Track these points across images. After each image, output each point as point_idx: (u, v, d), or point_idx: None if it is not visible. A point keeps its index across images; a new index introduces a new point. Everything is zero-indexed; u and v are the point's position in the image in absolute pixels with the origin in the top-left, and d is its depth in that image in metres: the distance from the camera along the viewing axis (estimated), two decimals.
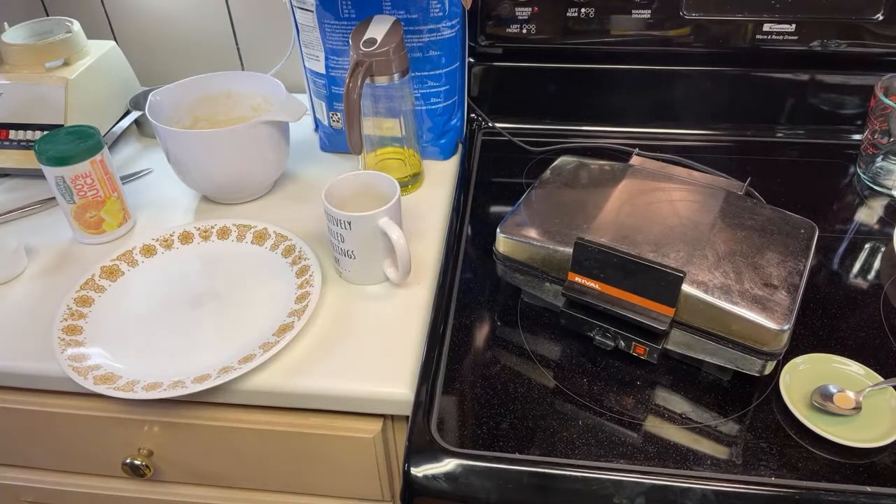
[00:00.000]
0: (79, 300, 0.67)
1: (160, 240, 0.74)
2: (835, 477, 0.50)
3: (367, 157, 0.81)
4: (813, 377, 0.56)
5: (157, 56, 1.05)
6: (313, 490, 0.70)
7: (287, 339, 0.61)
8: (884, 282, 0.68)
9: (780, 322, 0.52)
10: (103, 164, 0.72)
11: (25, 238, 0.77)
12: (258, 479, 0.69)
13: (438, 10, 0.77)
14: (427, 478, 0.51)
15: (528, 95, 0.93)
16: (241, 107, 0.85)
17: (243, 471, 0.68)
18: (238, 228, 0.75)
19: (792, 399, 0.54)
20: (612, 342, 0.58)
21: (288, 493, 0.71)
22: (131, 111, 0.94)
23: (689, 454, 0.52)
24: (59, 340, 0.62)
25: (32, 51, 0.85)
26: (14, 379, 0.63)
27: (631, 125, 0.92)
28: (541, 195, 0.66)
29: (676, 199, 0.63)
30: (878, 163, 0.80)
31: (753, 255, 0.57)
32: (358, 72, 0.70)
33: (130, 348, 0.63)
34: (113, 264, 0.71)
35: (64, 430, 0.67)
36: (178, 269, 0.72)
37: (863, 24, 0.82)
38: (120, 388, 0.57)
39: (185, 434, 0.65)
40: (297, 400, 0.60)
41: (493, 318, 0.65)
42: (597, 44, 0.87)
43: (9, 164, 0.85)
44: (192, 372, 0.60)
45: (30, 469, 0.74)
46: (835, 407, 0.53)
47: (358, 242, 0.65)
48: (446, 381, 0.58)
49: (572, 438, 0.53)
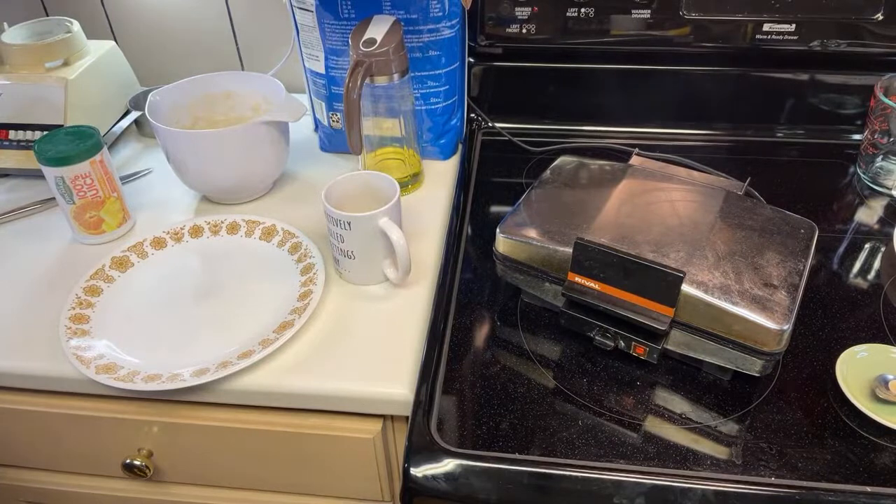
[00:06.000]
0: (88, 290, 0.67)
1: (171, 232, 0.75)
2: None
3: (366, 158, 0.81)
4: (870, 367, 0.56)
5: (157, 56, 1.05)
6: (313, 490, 0.70)
7: (286, 336, 0.61)
8: (884, 282, 0.68)
9: (780, 322, 0.52)
10: (103, 165, 0.72)
11: (25, 238, 0.77)
12: (258, 479, 0.69)
13: (438, 10, 0.77)
14: (427, 478, 0.51)
15: (528, 95, 0.93)
16: (241, 107, 0.85)
17: (243, 471, 0.68)
18: (247, 224, 0.76)
19: (850, 389, 0.54)
20: (612, 342, 0.58)
21: (288, 493, 0.71)
22: (131, 111, 0.94)
23: (688, 454, 0.52)
24: (65, 329, 0.62)
25: (32, 51, 0.85)
26: (14, 379, 0.63)
27: (631, 125, 0.92)
28: (541, 195, 0.66)
29: (676, 199, 0.63)
30: (878, 163, 0.80)
31: (753, 255, 0.57)
32: (358, 72, 0.70)
33: (135, 339, 0.63)
34: (123, 255, 0.72)
35: (64, 430, 0.67)
36: (186, 263, 0.72)
37: (863, 24, 0.82)
38: (120, 379, 0.58)
39: (185, 434, 0.65)
40: (297, 400, 0.60)
41: (493, 318, 0.65)
42: (597, 44, 0.87)
43: (9, 165, 0.85)
44: (192, 365, 0.60)
45: (30, 469, 0.74)
46: (893, 395, 0.53)
47: (358, 243, 0.65)
48: (446, 381, 0.58)
49: (572, 438, 0.53)
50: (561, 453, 0.52)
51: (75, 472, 0.73)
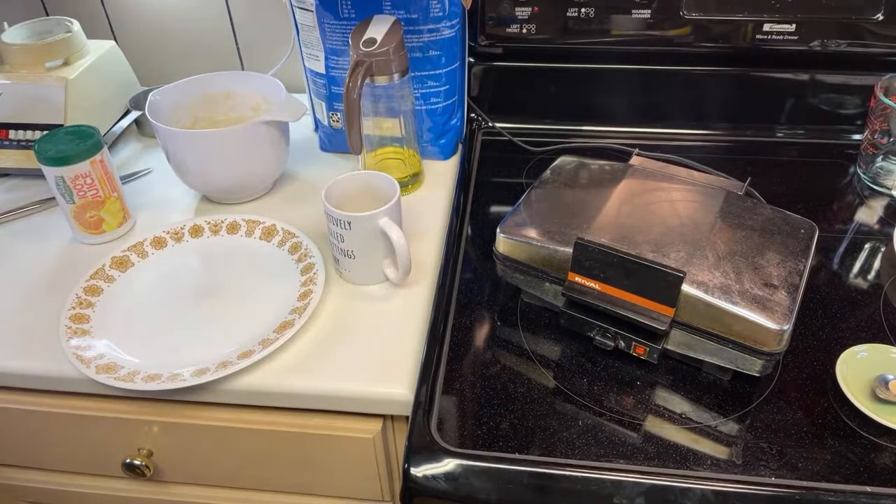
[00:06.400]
0: (88, 289, 0.67)
1: (171, 232, 0.75)
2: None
3: (366, 157, 0.81)
4: (870, 367, 0.56)
5: (157, 56, 1.05)
6: (313, 490, 0.70)
7: (286, 336, 0.61)
8: (884, 282, 0.68)
9: (780, 322, 0.52)
10: (103, 164, 0.72)
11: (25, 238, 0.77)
12: (258, 479, 0.69)
13: (438, 10, 0.77)
14: (427, 478, 0.51)
15: (528, 95, 0.93)
16: (241, 107, 0.85)
17: (243, 471, 0.68)
18: (247, 224, 0.76)
19: (850, 389, 0.54)
20: (612, 342, 0.58)
21: (288, 493, 0.71)
22: (131, 111, 0.94)
23: (688, 454, 0.52)
24: (65, 329, 0.63)
25: (32, 51, 0.85)
26: (14, 379, 0.63)
27: (631, 125, 0.92)
28: (541, 195, 0.66)
29: (676, 199, 0.63)
30: (878, 163, 0.80)
31: (753, 255, 0.57)
32: (358, 72, 0.70)
33: (135, 339, 0.63)
34: (123, 255, 0.72)
35: (64, 430, 0.67)
36: (186, 263, 0.72)
37: (863, 24, 0.82)
38: (120, 378, 0.58)
39: (185, 434, 0.65)
40: (297, 400, 0.60)
41: (493, 318, 0.65)
42: (597, 44, 0.87)
43: (9, 164, 0.85)
44: (192, 365, 0.60)
45: (31, 469, 0.74)
46: (893, 395, 0.53)
47: (358, 242, 0.65)
48: (446, 381, 0.58)
49: (572, 438, 0.53)
50: (561, 453, 0.52)
51: (75, 471, 0.73)
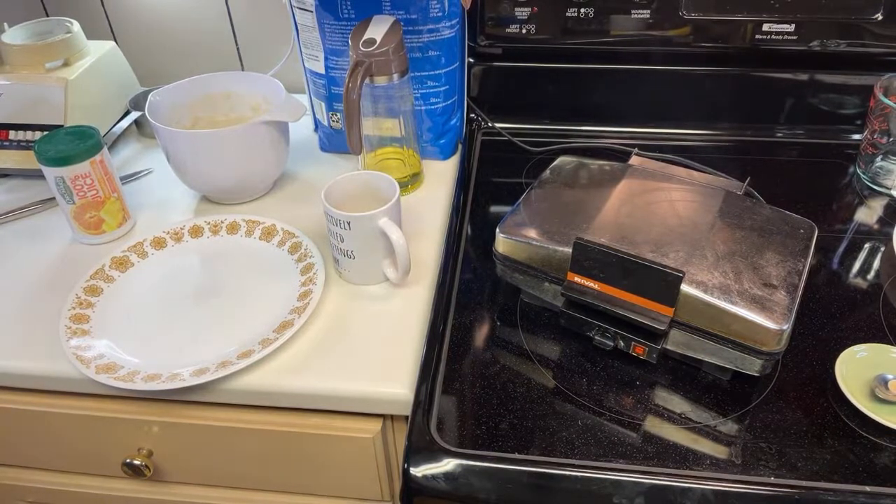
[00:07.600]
0: (88, 289, 0.68)
1: (171, 232, 0.75)
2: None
3: (366, 157, 0.81)
4: (869, 366, 0.56)
5: (157, 56, 1.05)
6: (313, 490, 0.70)
7: (286, 336, 0.61)
8: (883, 281, 0.68)
9: (780, 322, 0.52)
10: (103, 165, 0.72)
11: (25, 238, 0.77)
12: (258, 479, 0.69)
13: (438, 11, 0.77)
14: (426, 478, 0.51)
15: (527, 95, 0.93)
16: (241, 107, 0.85)
17: (243, 471, 0.68)
18: (247, 224, 0.76)
19: (850, 389, 0.54)
20: (611, 342, 0.58)
21: (288, 493, 0.71)
22: (131, 111, 0.94)
23: (688, 454, 0.52)
24: (65, 329, 0.63)
25: (32, 51, 0.85)
26: (14, 379, 0.63)
27: (631, 125, 0.92)
28: (540, 195, 0.66)
29: (676, 199, 0.63)
30: (877, 163, 0.80)
31: (753, 254, 0.57)
32: (357, 72, 0.70)
33: (135, 339, 0.63)
34: (123, 255, 0.72)
35: (64, 430, 0.67)
36: (186, 263, 0.72)
37: (863, 24, 0.82)
38: (120, 378, 0.58)
39: (185, 434, 0.65)
40: (297, 400, 0.60)
41: (493, 318, 0.65)
42: (596, 44, 0.87)
43: (9, 165, 0.85)
44: (192, 365, 0.60)
45: (30, 469, 0.74)
46: (892, 395, 0.53)
47: (357, 242, 0.65)
48: (446, 381, 0.58)
49: (572, 438, 0.53)
50: (561, 453, 0.52)
51: (75, 471, 0.74)
